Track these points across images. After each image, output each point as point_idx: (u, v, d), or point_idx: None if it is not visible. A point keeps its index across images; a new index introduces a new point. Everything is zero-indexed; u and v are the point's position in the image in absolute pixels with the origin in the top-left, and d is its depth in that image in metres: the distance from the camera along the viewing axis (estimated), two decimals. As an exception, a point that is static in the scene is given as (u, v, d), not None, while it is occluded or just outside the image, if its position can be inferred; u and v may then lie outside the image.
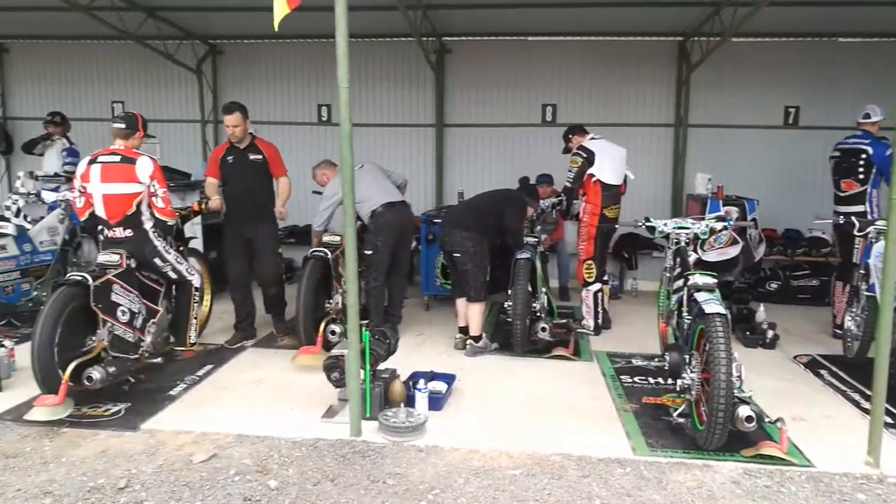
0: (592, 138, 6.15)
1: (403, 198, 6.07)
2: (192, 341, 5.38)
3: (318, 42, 8.44)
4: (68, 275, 4.36)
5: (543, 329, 5.52)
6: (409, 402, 4.31)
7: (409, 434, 3.95)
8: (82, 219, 4.95)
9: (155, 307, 4.96)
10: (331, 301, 5.54)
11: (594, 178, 5.98)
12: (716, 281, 4.04)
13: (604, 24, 7.79)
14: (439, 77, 8.30)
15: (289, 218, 8.94)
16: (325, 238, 5.74)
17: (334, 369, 4.21)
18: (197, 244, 6.66)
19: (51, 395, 4.06)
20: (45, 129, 8.04)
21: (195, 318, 5.37)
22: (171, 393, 4.68)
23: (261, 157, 5.64)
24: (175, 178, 7.47)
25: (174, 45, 8.05)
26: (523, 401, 4.64)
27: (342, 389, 4.27)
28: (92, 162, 4.73)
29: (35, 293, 6.34)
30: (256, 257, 5.75)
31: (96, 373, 4.22)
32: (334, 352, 4.20)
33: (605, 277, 6.47)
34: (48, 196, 6.98)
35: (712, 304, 3.78)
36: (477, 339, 5.54)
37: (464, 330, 5.69)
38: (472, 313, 5.51)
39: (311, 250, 5.50)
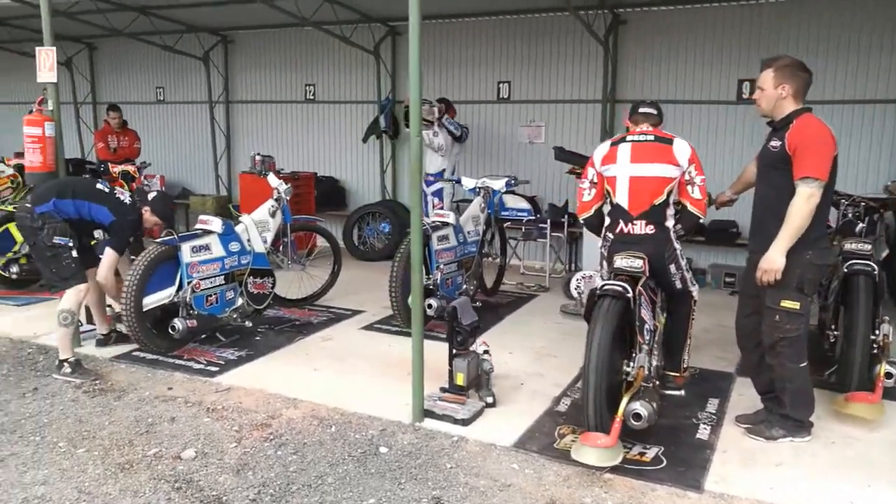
0: None
1: None
2: (685, 365, 4.45)
3: (733, 6, 7.08)
4: (603, 283, 3.58)
5: None
6: None
7: None
8: (584, 216, 4.19)
9: (656, 323, 4.08)
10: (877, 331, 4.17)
11: None
12: None
13: None
14: None
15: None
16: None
17: None
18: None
19: (600, 433, 3.30)
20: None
21: (690, 337, 4.43)
22: (700, 437, 3.74)
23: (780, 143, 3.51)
24: (573, 161, 6.69)
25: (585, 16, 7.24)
26: None
27: None
28: (617, 143, 3.96)
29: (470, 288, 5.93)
30: None
31: (644, 409, 3.38)
32: None
33: None
34: (468, 182, 6.59)
35: None
36: None
37: None
38: None
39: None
